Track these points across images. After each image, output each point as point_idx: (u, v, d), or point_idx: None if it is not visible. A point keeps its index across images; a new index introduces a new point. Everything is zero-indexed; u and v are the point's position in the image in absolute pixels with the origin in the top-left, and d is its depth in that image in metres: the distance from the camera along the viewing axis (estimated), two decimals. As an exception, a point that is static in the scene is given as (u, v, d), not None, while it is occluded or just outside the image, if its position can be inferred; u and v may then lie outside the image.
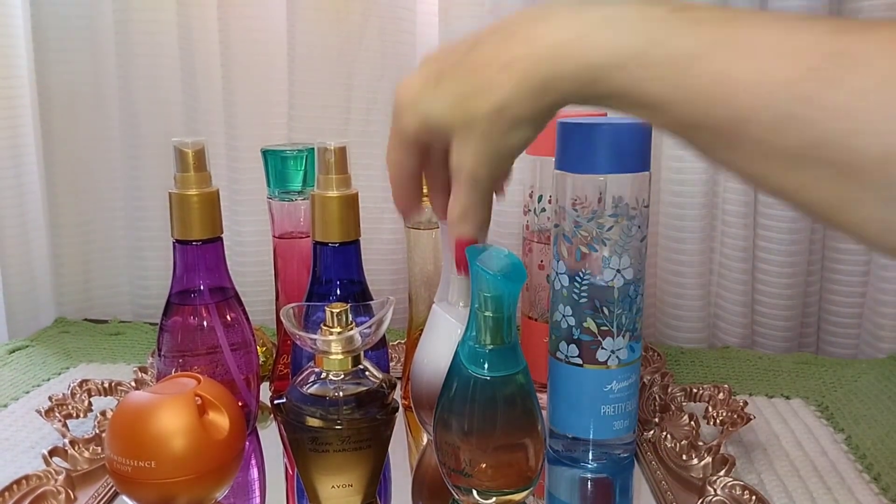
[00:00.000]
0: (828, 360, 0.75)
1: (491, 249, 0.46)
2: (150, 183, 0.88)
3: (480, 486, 0.45)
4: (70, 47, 0.85)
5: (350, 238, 0.53)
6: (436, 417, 0.47)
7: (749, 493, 0.48)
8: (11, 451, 0.58)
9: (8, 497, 0.47)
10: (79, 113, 0.87)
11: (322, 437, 0.44)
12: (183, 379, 0.47)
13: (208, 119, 0.85)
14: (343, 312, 0.45)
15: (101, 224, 0.91)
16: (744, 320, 0.83)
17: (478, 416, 0.45)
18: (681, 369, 0.74)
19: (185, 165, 0.52)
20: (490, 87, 0.38)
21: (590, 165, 0.50)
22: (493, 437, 0.45)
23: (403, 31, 0.83)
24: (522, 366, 0.46)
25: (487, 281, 0.43)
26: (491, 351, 0.44)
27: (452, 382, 0.46)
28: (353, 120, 0.84)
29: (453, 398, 0.46)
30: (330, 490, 0.46)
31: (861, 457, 0.56)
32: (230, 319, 0.55)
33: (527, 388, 0.45)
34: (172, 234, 0.53)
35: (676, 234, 0.82)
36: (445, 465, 0.46)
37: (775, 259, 0.80)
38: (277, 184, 0.62)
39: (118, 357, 0.77)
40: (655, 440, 0.57)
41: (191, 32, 0.83)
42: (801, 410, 0.65)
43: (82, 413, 0.61)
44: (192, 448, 0.43)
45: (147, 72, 0.86)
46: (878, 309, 0.77)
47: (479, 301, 0.44)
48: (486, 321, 0.44)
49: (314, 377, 0.46)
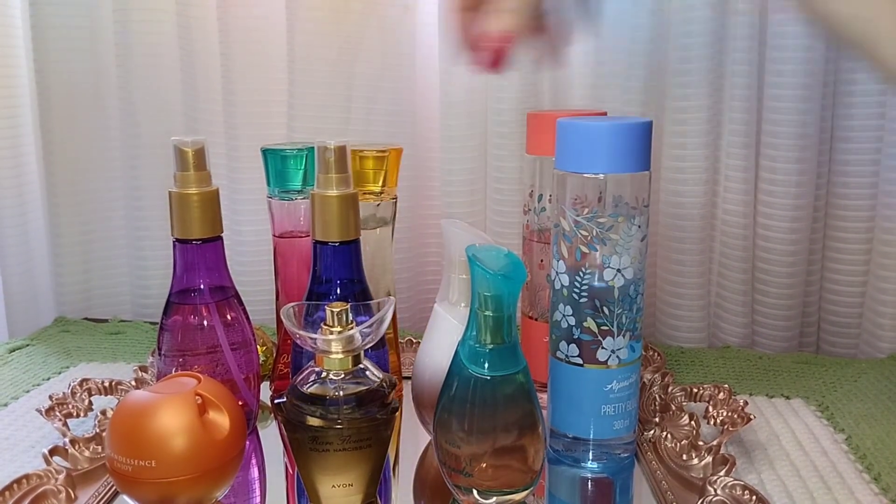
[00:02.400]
0: (828, 360, 0.75)
1: (491, 248, 0.46)
2: (150, 182, 0.88)
3: (481, 486, 0.45)
4: (70, 47, 0.85)
5: (350, 237, 0.53)
6: (436, 417, 0.47)
7: (749, 493, 0.48)
8: (11, 450, 0.58)
9: (8, 496, 0.47)
10: (79, 113, 0.87)
11: (322, 436, 0.44)
12: (183, 378, 0.47)
13: (208, 119, 0.85)
14: (343, 312, 0.45)
15: (101, 224, 0.91)
16: (744, 320, 0.83)
17: (478, 416, 0.45)
18: (681, 369, 0.74)
19: (185, 164, 0.52)
20: None
21: (589, 164, 0.50)
22: (493, 437, 0.45)
23: (403, 31, 0.83)
24: (522, 365, 0.46)
25: (487, 280, 0.43)
26: (491, 350, 0.44)
27: (453, 382, 0.46)
28: (353, 120, 0.84)
29: (453, 398, 0.46)
30: (330, 490, 0.46)
31: (861, 457, 0.56)
32: (230, 319, 0.55)
33: (527, 387, 0.46)
34: (172, 233, 0.53)
35: (676, 234, 0.82)
36: (446, 465, 0.46)
37: (775, 259, 0.80)
38: (277, 183, 0.62)
39: (118, 356, 0.77)
40: (655, 440, 0.57)
41: (191, 32, 0.83)
42: (801, 410, 0.65)
43: (82, 412, 0.61)
44: (192, 447, 0.43)
45: (147, 72, 0.85)
46: (878, 309, 0.77)
47: (479, 300, 0.44)
48: (486, 320, 0.44)
49: (314, 377, 0.46)
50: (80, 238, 0.90)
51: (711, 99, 0.78)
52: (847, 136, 0.78)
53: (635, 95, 0.79)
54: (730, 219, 0.81)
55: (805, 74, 0.75)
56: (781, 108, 0.76)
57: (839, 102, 0.78)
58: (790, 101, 0.76)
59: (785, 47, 0.75)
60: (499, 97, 0.81)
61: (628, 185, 0.51)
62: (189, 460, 0.43)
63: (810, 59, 0.74)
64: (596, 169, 0.50)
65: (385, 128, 0.84)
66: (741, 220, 0.80)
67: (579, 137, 0.51)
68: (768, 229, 0.80)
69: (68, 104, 0.87)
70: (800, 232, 0.79)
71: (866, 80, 0.76)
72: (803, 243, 0.80)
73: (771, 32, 0.76)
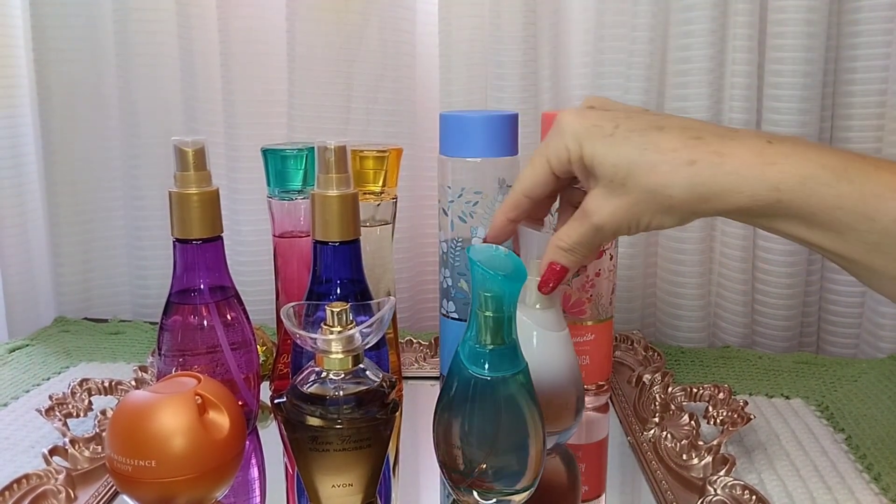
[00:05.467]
0: (828, 360, 0.74)
1: (490, 249, 0.46)
2: (150, 182, 0.88)
3: (481, 487, 0.45)
4: (70, 47, 0.85)
5: (350, 237, 0.53)
6: (435, 418, 0.47)
7: (749, 493, 0.48)
8: (11, 450, 0.58)
9: (8, 496, 0.47)
10: (79, 113, 0.87)
11: (322, 436, 0.44)
12: (183, 378, 0.47)
13: (208, 119, 0.85)
14: (343, 312, 0.45)
15: (101, 223, 0.91)
16: (744, 320, 0.83)
17: (478, 417, 0.45)
18: (681, 369, 0.74)
19: (185, 164, 0.52)
20: (664, 170, 0.42)
21: (466, 150, 0.59)
22: (493, 438, 0.45)
23: (403, 30, 0.83)
24: (523, 366, 0.46)
25: (488, 280, 0.43)
26: (491, 351, 0.44)
27: (453, 382, 0.46)
28: (352, 120, 0.84)
29: (453, 398, 0.46)
30: (330, 489, 0.46)
31: (861, 457, 0.56)
32: (230, 319, 0.55)
33: (527, 388, 0.45)
34: (172, 233, 0.53)
35: (676, 233, 0.82)
36: (446, 466, 0.46)
37: (775, 259, 0.80)
38: (277, 183, 0.62)
39: (118, 356, 0.77)
40: (655, 440, 0.57)
41: (191, 32, 0.83)
42: (801, 410, 0.65)
43: (82, 412, 0.61)
44: (192, 447, 0.43)
45: (147, 72, 0.85)
46: (878, 309, 0.77)
47: (479, 301, 0.44)
48: (486, 321, 0.44)
49: (314, 376, 0.46)
50: (80, 238, 0.90)
51: (711, 99, 0.77)
52: (846, 137, 0.78)
53: (635, 95, 0.79)
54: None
55: (805, 75, 0.75)
56: (781, 108, 0.76)
57: (839, 102, 0.78)
58: (790, 101, 0.76)
59: (785, 47, 0.75)
60: (499, 97, 0.81)
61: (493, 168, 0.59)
62: (189, 460, 0.43)
63: (810, 59, 0.74)
64: (470, 154, 0.59)
65: (385, 128, 0.84)
66: (741, 220, 0.80)
67: (457, 127, 0.59)
68: (768, 229, 0.80)
69: (68, 104, 0.87)
70: (800, 232, 0.79)
71: (865, 81, 0.76)
72: (803, 243, 0.80)
73: (771, 32, 0.76)
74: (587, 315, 0.63)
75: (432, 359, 0.74)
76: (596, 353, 0.64)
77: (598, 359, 0.64)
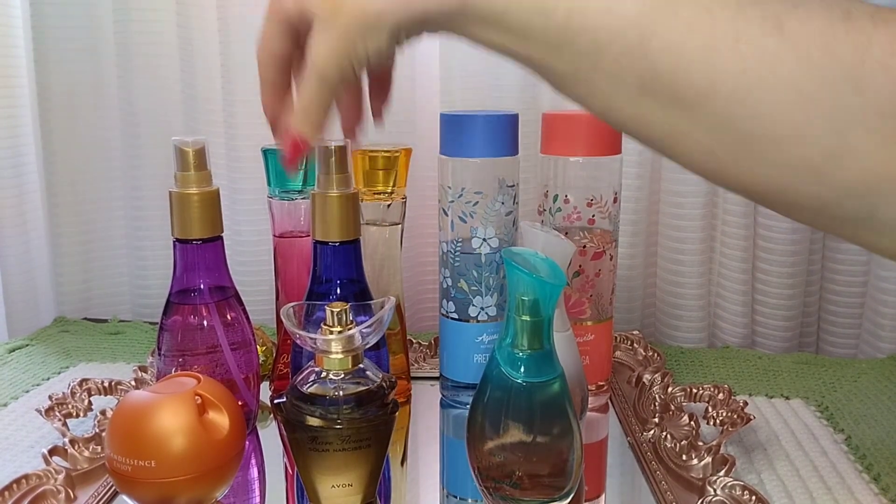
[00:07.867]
0: (828, 360, 0.75)
1: (527, 252, 0.45)
2: (150, 182, 0.88)
3: (514, 495, 0.44)
4: (70, 47, 0.85)
5: (350, 237, 0.53)
6: (469, 423, 0.46)
7: (749, 493, 0.48)
8: (11, 450, 0.58)
9: (8, 496, 0.47)
10: (79, 113, 0.87)
11: (322, 436, 0.44)
12: (183, 378, 0.47)
13: (208, 119, 0.85)
14: (343, 312, 0.45)
15: (101, 224, 0.91)
16: (744, 320, 0.83)
17: (513, 423, 0.44)
18: (681, 369, 0.74)
19: (185, 164, 0.52)
20: None
21: (466, 150, 0.59)
22: (527, 445, 0.44)
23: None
24: (559, 372, 0.44)
25: (525, 284, 0.42)
26: (528, 356, 0.43)
27: (486, 388, 0.45)
28: (353, 120, 0.84)
29: (488, 403, 0.44)
30: (330, 490, 0.46)
31: (861, 457, 0.56)
32: (230, 319, 0.55)
33: (563, 395, 0.44)
34: (172, 233, 0.53)
35: (676, 234, 0.82)
36: (480, 473, 0.45)
37: (775, 259, 0.80)
38: (278, 183, 0.62)
39: (118, 356, 0.77)
40: (655, 440, 0.57)
41: (191, 32, 0.83)
42: (801, 410, 0.65)
43: (82, 412, 0.61)
44: (192, 447, 0.43)
45: (147, 72, 0.85)
46: (878, 309, 0.77)
47: (516, 304, 0.43)
48: (523, 325, 0.43)
49: (314, 377, 0.46)
50: (80, 238, 0.90)
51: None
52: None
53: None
54: (730, 219, 0.81)
55: None
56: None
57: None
58: None
59: None
60: (498, 97, 0.81)
61: (493, 167, 0.59)
62: (189, 460, 0.43)
63: None
64: (472, 154, 0.59)
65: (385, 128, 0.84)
66: (741, 219, 0.80)
67: (460, 128, 0.59)
68: (768, 229, 0.80)
69: (68, 104, 0.86)
70: (800, 232, 0.79)
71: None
72: (803, 243, 0.80)
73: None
74: (587, 315, 0.63)
75: (432, 359, 0.74)
76: (596, 354, 0.64)
77: (597, 359, 0.64)
